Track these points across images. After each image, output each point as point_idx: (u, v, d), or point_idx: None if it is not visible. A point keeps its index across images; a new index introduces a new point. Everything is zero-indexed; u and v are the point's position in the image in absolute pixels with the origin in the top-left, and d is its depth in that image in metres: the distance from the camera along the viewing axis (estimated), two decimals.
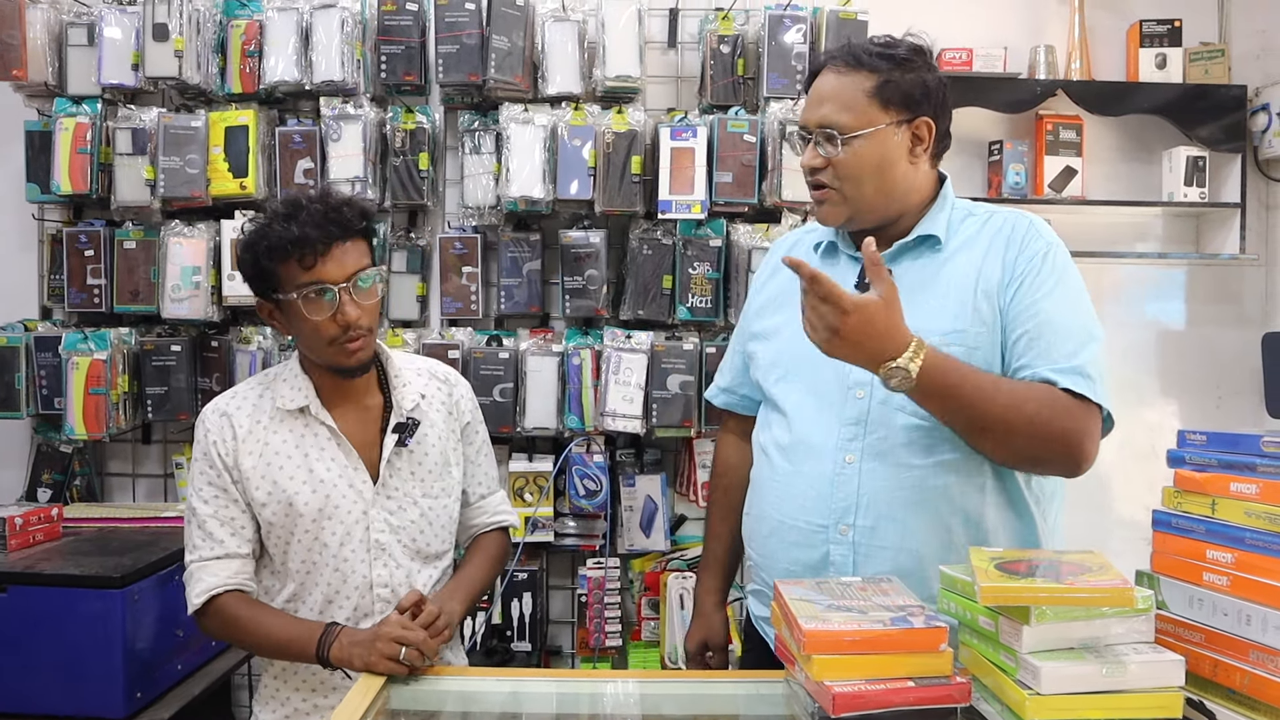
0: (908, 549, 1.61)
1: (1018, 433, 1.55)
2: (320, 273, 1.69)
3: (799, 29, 2.90)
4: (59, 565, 2.26)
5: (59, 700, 2.18)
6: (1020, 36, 3.28)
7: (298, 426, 1.81)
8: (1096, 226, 3.35)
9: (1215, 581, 1.28)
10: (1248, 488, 1.27)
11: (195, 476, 1.81)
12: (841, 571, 1.64)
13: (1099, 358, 1.60)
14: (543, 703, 1.65)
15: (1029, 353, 1.59)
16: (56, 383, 2.88)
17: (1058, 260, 1.65)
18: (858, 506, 1.64)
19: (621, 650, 2.93)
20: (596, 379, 2.88)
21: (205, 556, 1.77)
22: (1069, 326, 1.60)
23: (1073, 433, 1.56)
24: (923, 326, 1.56)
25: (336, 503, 1.79)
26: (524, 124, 2.86)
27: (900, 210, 1.71)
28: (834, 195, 1.68)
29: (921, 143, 1.68)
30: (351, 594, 1.80)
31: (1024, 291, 1.62)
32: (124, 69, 2.88)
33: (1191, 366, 3.39)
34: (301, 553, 1.80)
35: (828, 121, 1.66)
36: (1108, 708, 1.19)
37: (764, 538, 1.77)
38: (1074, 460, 1.58)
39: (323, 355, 1.77)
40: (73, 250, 2.95)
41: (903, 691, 1.22)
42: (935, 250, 1.70)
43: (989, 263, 1.66)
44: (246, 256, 1.74)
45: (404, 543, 1.84)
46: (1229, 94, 3.20)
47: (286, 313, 1.74)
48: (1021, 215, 1.71)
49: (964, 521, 1.62)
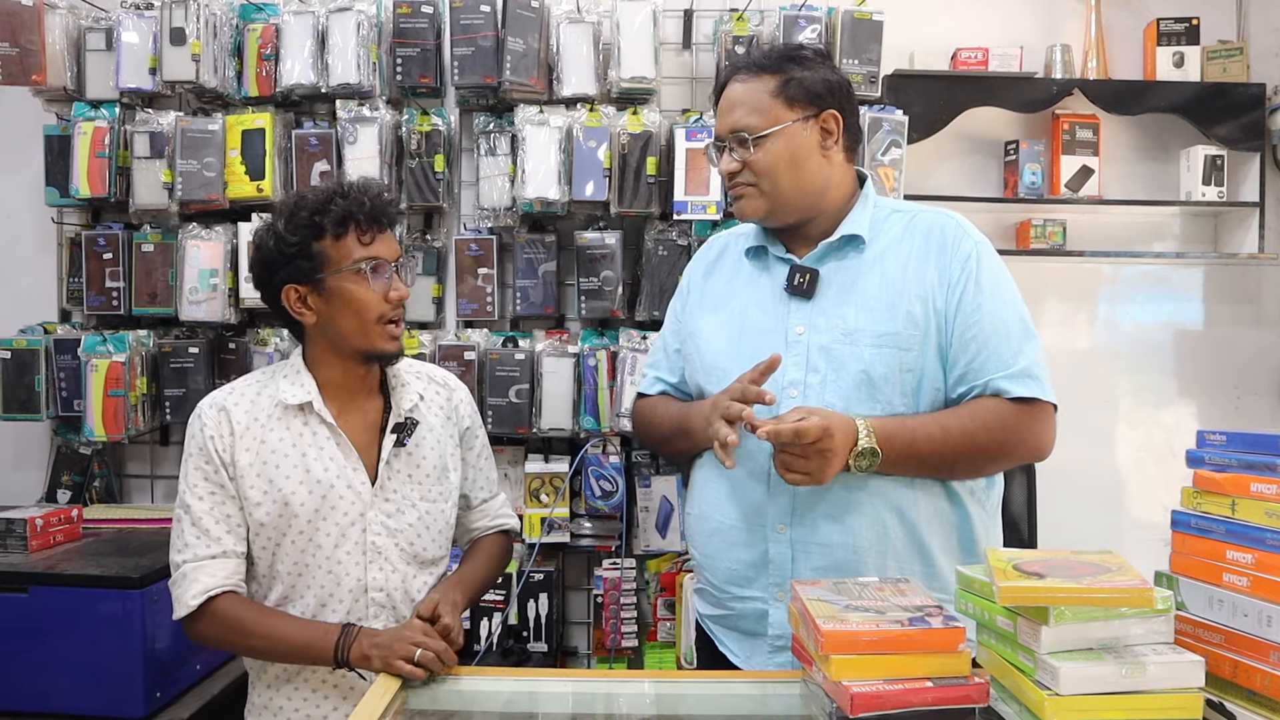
0: (845, 544, 1.66)
1: (975, 461, 1.68)
2: (377, 249, 1.74)
3: (814, 29, 2.90)
4: (79, 566, 2.27)
5: (79, 700, 2.20)
6: (1036, 36, 3.27)
7: (295, 424, 1.78)
8: (1113, 226, 3.34)
9: (1235, 582, 1.27)
10: (1268, 488, 1.26)
11: (190, 472, 1.76)
12: (780, 569, 1.69)
13: (1039, 354, 1.69)
14: (559, 703, 1.65)
15: (977, 359, 1.66)
16: (76, 385, 2.90)
17: (989, 261, 1.72)
18: (794, 506, 1.68)
19: (638, 651, 2.93)
20: (612, 380, 2.88)
21: (201, 555, 1.72)
22: (1009, 330, 1.68)
23: (1026, 441, 1.67)
24: (854, 327, 1.67)
25: (333, 503, 1.76)
26: (539, 125, 2.86)
27: (818, 207, 1.76)
28: (751, 190, 1.74)
29: (831, 135, 1.74)
30: (345, 597, 1.77)
31: (966, 300, 1.68)
32: (141, 73, 2.90)
33: (1210, 367, 3.37)
34: (294, 554, 1.76)
35: (738, 126, 1.72)
36: (1127, 708, 1.19)
37: (705, 537, 1.80)
38: (1034, 457, 1.72)
39: (367, 337, 1.76)
40: (91, 253, 2.97)
41: (921, 692, 1.22)
42: (860, 250, 1.75)
43: (921, 265, 1.71)
44: (292, 239, 1.72)
45: (401, 546, 1.82)
46: (1247, 92, 3.19)
47: (330, 295, 1.74)
48: (948, 215, 1.77)
49: (898, 517, 1.67)
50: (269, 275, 1.77)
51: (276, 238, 1.74)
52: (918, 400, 1.67)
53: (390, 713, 1.47)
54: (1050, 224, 3.25)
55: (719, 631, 1.82)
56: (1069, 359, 3.35)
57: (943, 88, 3.15)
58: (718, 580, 1.78)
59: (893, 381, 1.66)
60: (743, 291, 1.82)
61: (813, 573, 1.65)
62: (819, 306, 1.71)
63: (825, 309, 1.71)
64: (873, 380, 1.65)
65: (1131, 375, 3.41)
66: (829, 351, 1.68)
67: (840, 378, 1.66)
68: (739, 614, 1.75)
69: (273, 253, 1.75)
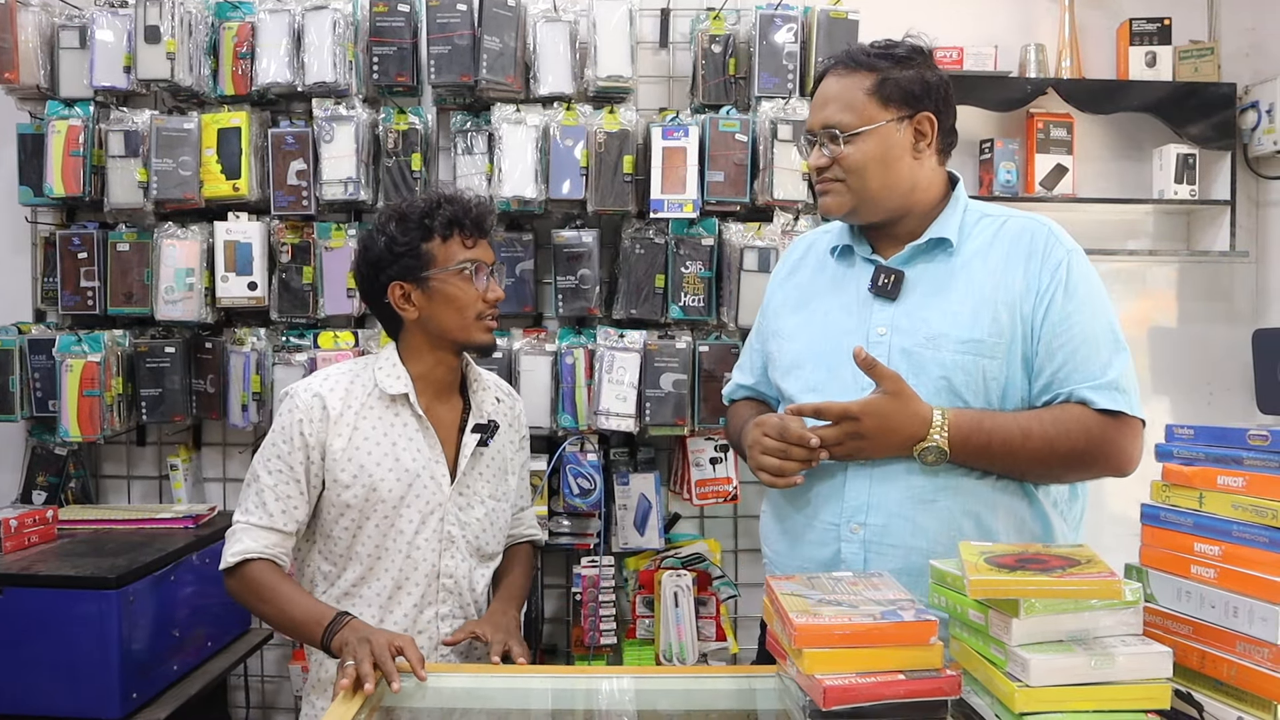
0: (918, 548, 1.63)
1: (1056, 469, 1.64)
2: (478, 253, 1.89)
3: (790, 28, 2.91)
4: (54, 567, 2.26)
5: (55, 701, 2.19)
6: (1011, 35, 3.29)
7: (387, 414, 1.88)
8: (1087, 224, 3.35)
9: (1203, 574, 1.29)
10: (1235, 481, 1.28)
11: (268, 446, 1.86)
12: (854, 570, 1.64)
13: (1129, 368, 1.64)
14: (539, 699, 1.66)
15: (1065, 368, 1.63)
16: (51, 385, 2.88)
17: (1081, 270, 1.68)
18: (869, 506, 1.66)
19: (617, 648, 2.93)
20: (590, 378, 2.88)
21: (253, 522, 1.83)
22: (1099, 341, 1.63)
23: (1110, 455, 1.63)
24: (939, 331, 1.63)
25: (418, 491, 1.86)
26: (516, 124, 2.86)
27: (906, 207, 1.73)
28: (838, 186, 1.72)
29: (925, 138, 1.71)
30: (421, 581, 1.87)
31: (1054, 309, 1.64)
32: (116, 71, 2.88)
33: (1183, 363, 3.40)
34: (376, 537, 1.86)
35: (831, 122, 1.70)
36: (1096, 699, 1.20)
37: (779, 535, 1.80)
38: (1118, 472, 1.66)
39: (466, 331, 1.89)
40: (66, 253, 2.95)
41: (893, 684, 1.23)
42: (948, 253, 1.72)
43: (1009, 272, 1.67)
44: (403, 239, 1.85)
45: (469, 539, 1.93)
46: (1219, 92, 3.22)
47: (433, 292, 1.86)
48: (1040, 222, 1.73)
49: (975, 521, 1.64)
50: (375, 273, 1.89)
51: (387, 238, 1.87)
52: (1001, 409, 1.65)
53: (367, 709, 1.48)
54: None
55: None
56: None
57: None
58: None
59: (974, 388, 1.63)
60: (826, 291, 1.81)
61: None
62: (903, 309, 1.69)
63: (909, 311, 1.69)
64: (953, 386, 1.63)
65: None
66: (911, 354, 1.65)
67: (920, 382, 1.63)
68: None
69: (382, 252, 1.87)
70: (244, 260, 2.89)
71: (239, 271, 2.90)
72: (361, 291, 1.98)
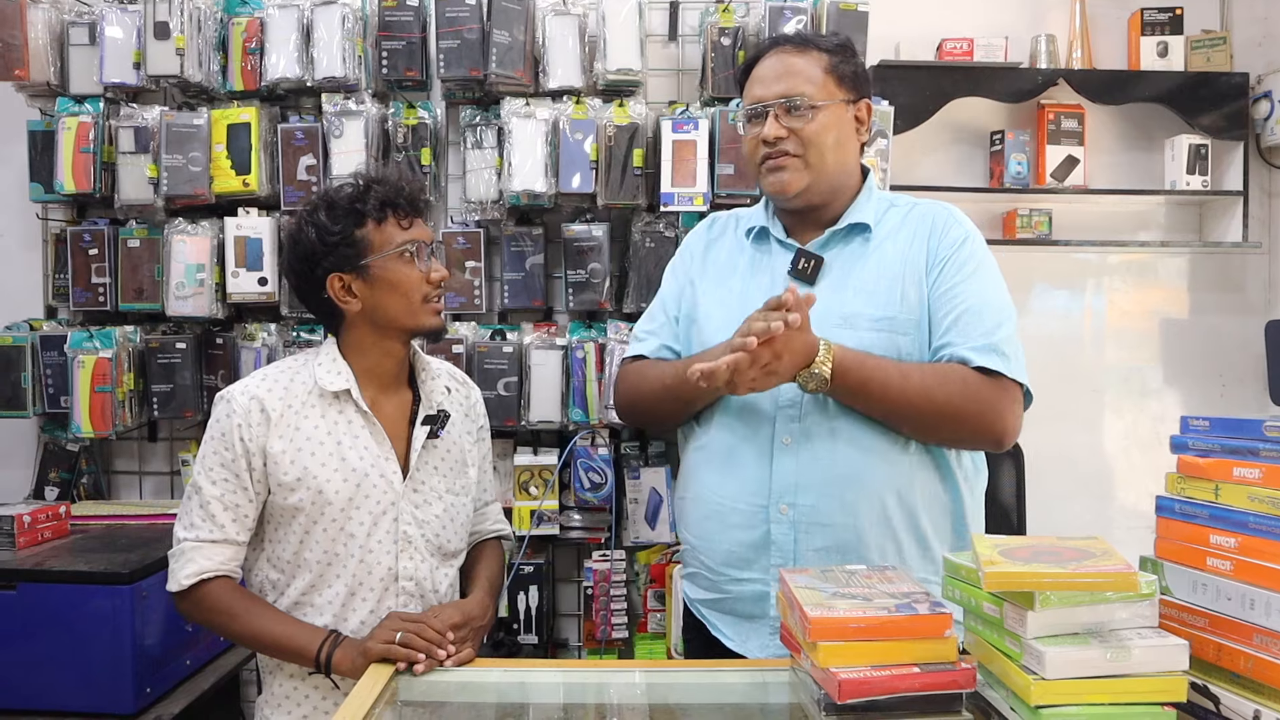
0: (848, 524, 1.67)
1: (930, 418, 1.65)
2: (416, 233, 1.80)
3: (799, 20, 2.90)
4: (67, 562, 2.27)
5: (69, 696, 2.20)
6: (1021, 26, 3.28)
7: (330, 412, 1.78)
8: (1099, 215, 3.35)
9: (1219, 566, 1.28)
10: (1251, 472, 1.27)
11: (208, 455, 1.76)
12: (783, 550, 1.69)
13: (1014, 336, 1.69)
14: (550, 693, 1.66)
15: (950, 332, 1.68)
16: (62, 381, 2.89)
17: (975, 247, 1.75)
18: (797, 486, 1.68)
19: (628, 642, 2.94)
20: (600, 372, 2.88)
21: (203, 538, 1.74)
22: (985, 307, 1.69)
23: (986, 413, 1.65)
24: (854, 311, 1.70)
25: (367, 491, 1.76)
26: (525, 118, 2.86)
27: (839, 191, 1.79)
28: (794, 162, 1.74)
29: (863, 124, 1.79)
30: (376, 586, 1.77)
31: (945, 276, 1.71)
32: (126, 68, 2.88)
33: (1195, 355, 3.39)
34: (325, 543, 1.76)
35: (795, 92, 1.73)
36: (1112, 692, 1.19)
37: (701, 520, 1.80)
38: (992, 436, 1.68)
39: (414, 316, 1.79)
40: (77, 249, 2.95)
41: (908, 677, 1.23)
42: (865, 238, 1.78)
43: (914, 250, 1.74)
44: (335, 228, 1.75)
45: (427, 537, 1.82)
46: (1231, 82, 3.20)
47: (375, 279, 1.76)
48: (942, 205, 1.81)
49: (897, 498, 1.68)
50: (309, 268, 1.78)
51: (318, 229, 1.77)
52: None
53: (380, 703, 1.48)
54: (1036, 214, 3.26)
55: (713, 616, 1.82)
56: (1056, 348, 3.37)
57: (928, 78, 3.15)
58: (714, 563, 1.78)
59: None
60: (743, 271, 1.84)
61: (815, 553, 1.67)
62: (819, 291, 1.73)
63: (826, 293, 1.72)
64: None
65: (1118, 364, 3.43)
66: (828, 335, 1.67)
67: None
68: (736, 597, 1.76)
69: (314, 244, 1.77)
70: (254, 256, 2.90)
71: (249, 267, 2.90)
72: (295, 289, 1.85)
